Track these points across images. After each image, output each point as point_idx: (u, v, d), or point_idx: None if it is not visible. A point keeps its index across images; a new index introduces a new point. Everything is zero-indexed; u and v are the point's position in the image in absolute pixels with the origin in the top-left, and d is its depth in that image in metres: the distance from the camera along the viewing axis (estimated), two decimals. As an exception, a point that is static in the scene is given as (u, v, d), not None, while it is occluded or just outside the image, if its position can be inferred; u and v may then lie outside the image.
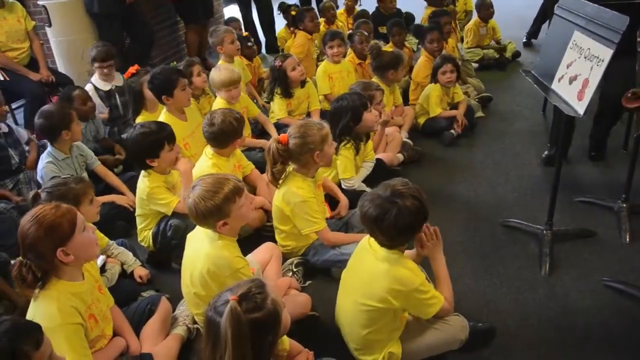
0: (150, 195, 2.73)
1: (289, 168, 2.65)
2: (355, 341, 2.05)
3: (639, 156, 2.82)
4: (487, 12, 5.86)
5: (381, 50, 4.13)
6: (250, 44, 4.95)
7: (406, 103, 4.49)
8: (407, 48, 5.32)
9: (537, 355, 2.17)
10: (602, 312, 2.36)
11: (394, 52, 4.08)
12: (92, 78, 4.28)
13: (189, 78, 3.82)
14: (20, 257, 1.80)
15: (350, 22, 6.47)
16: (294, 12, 5.75)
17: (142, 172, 2.79)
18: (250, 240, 2.80)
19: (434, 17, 5.18)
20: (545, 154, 3.68)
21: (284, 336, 1.81)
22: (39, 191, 2.36)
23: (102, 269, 2.52)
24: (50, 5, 4.75)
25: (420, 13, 6.59)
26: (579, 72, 2.36)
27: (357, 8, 6.71)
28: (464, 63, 5.25)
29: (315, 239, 2.69)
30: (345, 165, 3.09)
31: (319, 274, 2.69)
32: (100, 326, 1.99)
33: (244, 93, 4.07)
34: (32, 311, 1.84)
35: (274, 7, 6.84)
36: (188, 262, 2.20)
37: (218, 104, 3.67)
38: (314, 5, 7.32)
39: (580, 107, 2.27)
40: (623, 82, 2.67)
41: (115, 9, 4.88)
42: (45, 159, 3.16)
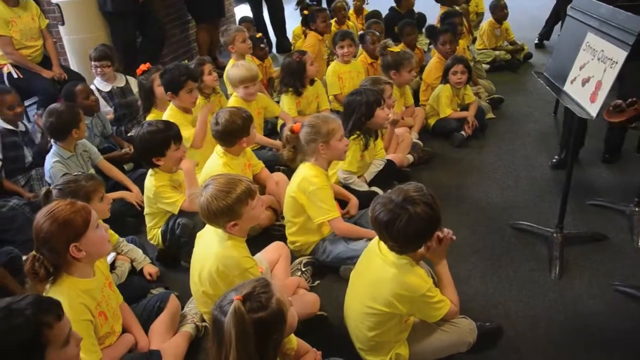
0: (157, 194, 2.75)
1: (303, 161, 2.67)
2: (362, 342, 2.05)
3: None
4: (501, 14, 5.84)
5: (387, 50, 4.12)
6: (263, 45, 4.96)
7: (416, 104, 4.47)
8: (418, 49, 5.32)
9: (546, 359, 2.15)
10: (613, 317, 2.34)
11: (399, 52, 4.04)
12: (95, 79, 4.32)
13: (200, 77, 3.84)
14: (34, 252, 1.82)
15: (360, 22, 6.47)
16: (306, 12, 5.75)
17: (149, 170, 2.81)
18: (258, 239, 2.82)
19: (447, 17, 5.16)
20: (555, 158, 3.65)
21: (291, 335, 1.81)
22: (51, 188, 2.37)
23: (112, 266, 2.54)
24: (64, 3, 4.79)
25: (432, 13, 6.57)
26: (592, 74, 2.34)
27: (366, 8, 6.71)
28: (475, 64, 5.23)
29: (326, 235, 2.69)
30: (349, 159, 3.10)
31: (327, 274, 2.69)
32: (109, 323, 2.01)
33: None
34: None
35: (285, 7, 6.85)
36: (197, 261, 2.21)
37: (233, 102, 3.67)
38: (324, 5, 7.32)
39: (593, 110, 2.25)
40: (638, 84, 2.65)
41: (128, 8, 4.91)
42: (52, 158, 3.18)
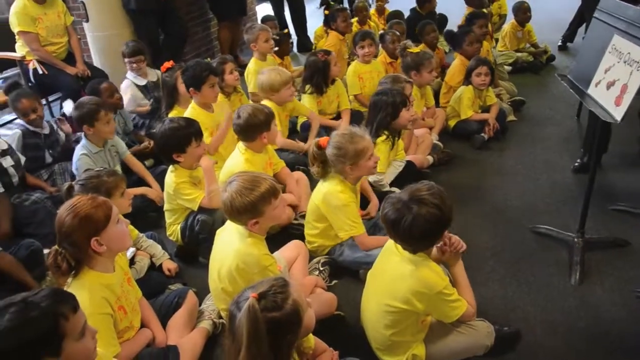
0: (177, 190, 2.77)
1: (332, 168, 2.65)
2: (379, 342, 2.05)
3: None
4: (524, 16, 5.77)
5: (407, 51, 4.10)
6: (291, 41, 4.98)
7: (437, 105, 4.44)
8: (439, 49, 5.28)
9: (565, 365, 2.14)
10: (635, 325, 2.29)
11: (419, 53, 4.03)
12: (128, 74, 4.37)
13: (221, 75, 3.87)
14: (56, 246, 1.86)
15: (382, 22, 6.46)
16: (327, 12, 5.76)
17: (170, 167, 2.84)
18: (277, 236, 2.82)
19: (472, 18, 5.11)
20: (577, 162, 3.60)
21: (309, 334, 1.81)
22: (73, 183, 2.41)
23: (132, 261, 2.57)
24: (89, 0, 4.85)
25: (456, 12, 6.52)
26: (617, 77, 2.31)
27: (387, 8, 6.69)
28: (497, 66, 5.19)
29: (344, 240, 2.68)
30: (380, 159, 3.08)
31: (345, 274, 2.69)
32: (129, 318, 2.03)
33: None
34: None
35: (307, 6, 6.86)
36: (217, 257, 2.23)
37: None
38: (345, 5, 7.32)
39: (618, 113, 2.22)
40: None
41: (152, 5, 4.96)
42: (79, 151, 3.24)
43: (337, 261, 2.70)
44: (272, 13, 6.99)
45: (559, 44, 6.38)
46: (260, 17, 6.97)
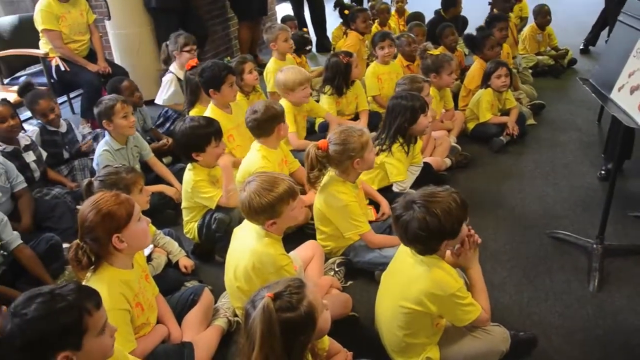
0: (195, 188, 2.78)
1: (330, 172, 2.64)
2: (393, 344, 2.04)
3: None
4: (543, 20, 5.72)
5: (427, 53, 4.08)
6: (309, 48, 5.02)
7: (455, 107, 4.42)
8: (459, 51, 5.25)
9: (582, 373, 2.11)
10: (655, 334, 2.26)
11: (438, 55, 4.01)
12: (172, 68, 4.37)
13: (241, 75, 3.88)
14: (78, 240, 1.88)
15: (402, 23, 6.43)
16: (346, 12, 5.75)
17: (188, 165, 2.85)
18: (292, 236, 2.82)
19: (492, 21, 5.06)
20: (603, 170, 3.52)
21: (324, 336, 1.81)
22: (92, 179, 2.44)
23: (149, 258, 2.59)
24: (111, -2, 4.92)
25: (478, 15, 6.47)
26: (641, 82, 2.27)
27: (407, 9, 6.66)
28: (523, 70, 5.17)
29: (356, 240, 2.68)
30: (398, 168, 3.07)
31: (361, 275, 2.68)
32: (145, 314, 2.05)
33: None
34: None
35: (326, 6, 6.86)
36: (233, 256, 2.24)
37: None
38: (365, 5, 7.30)
39: (642, 119, 2.19)
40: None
41: (173, 4, 5.01)
42: (102, 147, 3.28)
43: (353, 262, 2.70)
44: (291, 13, 7.01)
45: (581, 47, 6.30)
46: (280, 16, 6.99)
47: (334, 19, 6.77)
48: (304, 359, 1.60)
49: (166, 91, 4.32)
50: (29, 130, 3.52)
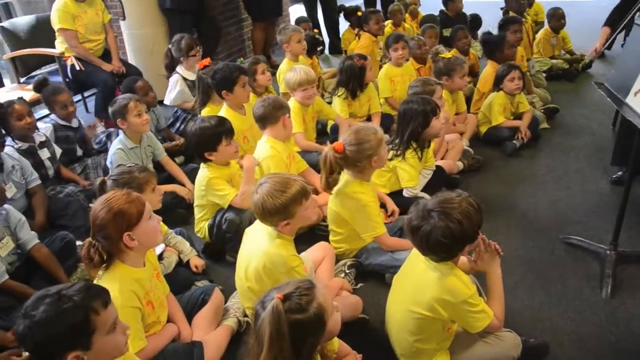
0: (209, 185, 2.79)
1: (344, 174, 2.63)
2: (403, 348, 2.03)
3: None
4: (558, 23, 5.68)
5: (439, 56, 4.07)
6: (320, 48, 5.03)
7: (468, 110, 4.39)
8: (472, 54, 5.22)
9: (594, 380, 2.09)
10: (669, 342, 2.23)
11: (450, 58, 4.00)
12: (178, 69, 4.40)
13: (253, 75, 3.90)
14: (90, 238, 1.90)
15: (415, 25, 6.42)
16: (359, 14, 5.74)
17: (202, 163, 2.87)
18: (303, 237, 2.82)
19: (505, 24, 5.03)
20: (618, 174, 3.49)
21: (334, 338, 1.81)
22: (106, 178, 2.46)
23: (160, 257, 2.60)
24: (126, -1, 4.96)
25: (491, 13, 6.44)
26: (658, 87, 2.25)
27: (420, 11, 6.64)
28: (536, 74, 5.13)
29: (369, 242, 2.67)
30: (410, 173, 3.06)
31: (371, 277, 2.68)
32: (156, 313, 2.06)
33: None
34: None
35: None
36: (244, 256, 2.24)
37: (292, 107, 3.63)
38: (378, 7, 7.29)
39: (658, 124, 2.16)
40: None
41: (187, 5, 5.04)
42: (116, 145, 3.31)
43: (364, 265, 2.69)
44: (304, 14, 7.02)
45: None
46: (293, 18, 7.00)
47: (345, 21, 6.78)
48: (314, 360, 1.61)
49: (173, 91, 4.34)
50: (43, 127, 3.56)
